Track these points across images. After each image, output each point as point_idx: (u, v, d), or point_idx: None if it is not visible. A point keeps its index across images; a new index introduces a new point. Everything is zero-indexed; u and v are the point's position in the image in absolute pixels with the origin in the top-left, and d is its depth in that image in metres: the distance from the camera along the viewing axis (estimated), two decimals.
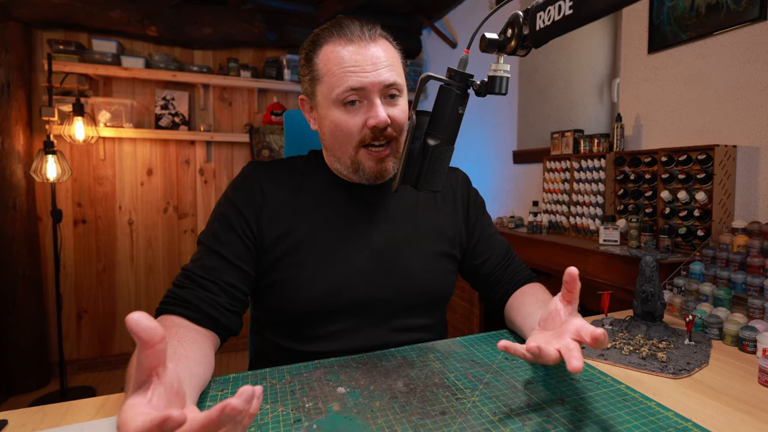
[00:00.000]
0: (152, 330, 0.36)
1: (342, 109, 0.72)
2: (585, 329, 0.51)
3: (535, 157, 2.10)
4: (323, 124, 0.76)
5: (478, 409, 0.55)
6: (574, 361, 0.47)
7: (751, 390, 0.63)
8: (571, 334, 0.52)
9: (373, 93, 0.71)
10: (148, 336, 0.36)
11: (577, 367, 0.46)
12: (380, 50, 0.72)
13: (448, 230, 0.85)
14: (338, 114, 0.72)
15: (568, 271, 0.56)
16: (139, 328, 0.35)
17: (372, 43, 0.72)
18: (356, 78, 0.69)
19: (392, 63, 0.73)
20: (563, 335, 0.53)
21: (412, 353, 0.72)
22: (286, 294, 0.74)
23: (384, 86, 0.71)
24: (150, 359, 0.37)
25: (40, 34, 2.48)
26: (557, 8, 0.53)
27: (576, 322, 0.54)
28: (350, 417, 0.53)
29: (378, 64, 0.70)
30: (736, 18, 1.24)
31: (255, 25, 2.72)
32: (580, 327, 0.52)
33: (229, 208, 0.75)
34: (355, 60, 0.70)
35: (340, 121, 0.72)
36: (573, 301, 0.58)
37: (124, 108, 2.59)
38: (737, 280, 0.93)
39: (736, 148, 1.24)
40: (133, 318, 0.35)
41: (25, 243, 2.37)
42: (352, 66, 0.70)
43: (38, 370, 2.43)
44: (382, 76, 0.70)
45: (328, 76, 0.71)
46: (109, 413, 0.55)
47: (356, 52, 0.70)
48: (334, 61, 0.71)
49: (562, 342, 0.52)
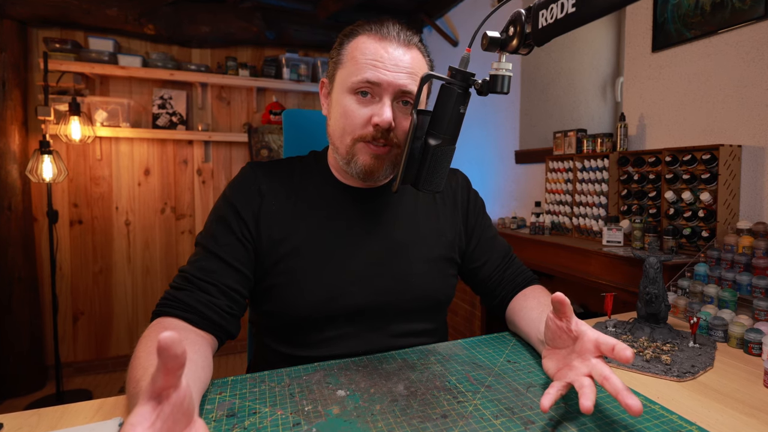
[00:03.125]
0: (179, 359, 0.35)
1: (353, 97, 0.72)
2: (605, 344, 0.52)
3: (538, 157, 2.08)
4: (333, 109, 0.76)
5: (480, 412, 0.54)
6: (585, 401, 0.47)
7: (757, 393, 0.63)
8: (591, 352, 0.53)
9: (386, 92, 0.70)
10: (174, 365, 0.35)
11: (588, 408, 0.47)
12: (409, 56, 0.72)
13: (447, 233, 0.85)
14: (349, 101, 0.72)
15: (557, 298, 0.56)
16: (167, 355, 0.34)
17: (403, 46, 0.72)
18: (375, 72, 0.70)
19: (416, 72, 0.73)
20: (583, 355, 0.54)
21: (413, 356, 0.71)
22: (283, 299, 0.74)
23: (399, 90, 0.71)
24: (166, 381, 0.36)
25: (35, 32, 2.47)
26: (560, 6, 0.53)
27: (590, 335, 0.54)
28: (350, 420, 0.52)
29: (400, 66, 0.71)
30: (741, 16, 1.23)
31: (254, 24, 2.71)
32: (597, 342, 0.53)
33: (227, 209, 0.74)
34: (380, 55, 0.70)
35: (349, 109, 0.72)
36: (571, 316, 0.58)
37: (121, 107, 2.57)
38: (742, 281, 0.92)
39: (741, 147, 1.23)
40: (166, 341, 0.34)
41: (20, 244, 2.35)
42: (375, 60, 0.70)
43: (34, 373, 2.41)
44: (400, 80, 0.70)
45: (350, 63, 0.72)
46: (105, 416, 0.55)
47: (384, 49, 0.71)
48: (360, 50, 0.71)
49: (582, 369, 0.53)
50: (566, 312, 0.57)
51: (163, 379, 0.35)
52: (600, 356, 0.53)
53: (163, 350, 0.34)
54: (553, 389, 0.52)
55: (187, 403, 0.38)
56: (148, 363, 0.52)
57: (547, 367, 0.61)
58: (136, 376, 0.51)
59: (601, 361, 0.52)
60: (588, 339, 0.54)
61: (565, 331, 0.58)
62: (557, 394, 0.51)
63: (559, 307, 0.57)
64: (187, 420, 0.39)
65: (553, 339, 0.60)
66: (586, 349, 0.54)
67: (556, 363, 0.59)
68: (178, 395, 0.37)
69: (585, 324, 0.56)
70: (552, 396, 0.51)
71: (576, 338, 0.56)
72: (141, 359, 0.54)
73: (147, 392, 0.36)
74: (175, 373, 0.35)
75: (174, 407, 0.37)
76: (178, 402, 0.37)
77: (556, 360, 0.59)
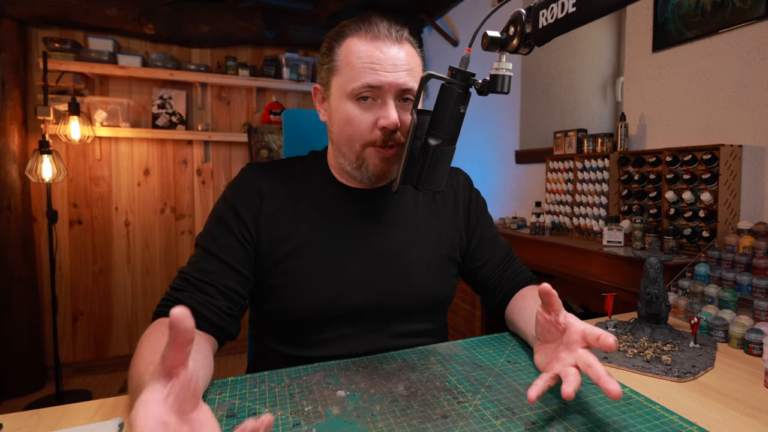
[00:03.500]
0: (189, 334, 0.36)
1: (355, 104, 0.71)
2: (591, 334, 0.53)
3: (538, 157, 2.08)
4: (334, 116, 0.75)
5: (480, 412, 0.54)
6: (567, 387, 0.49)
7: (757, 393, 0.63)
8: (578, 343, 0.54)
9: (388, 94, 0.70)
10: (183, 339, 0.36)
11: (569, 394, 0.48)
12: (403, 53, 0.71)
13: (448, 233, 0.84)
14: (351, 108, 0.71)
15: (543, 289, 0.57)
16: (179, 328, 0.35)
17: (397, 44, 0.71)
18: (374, 76, 0.69)
19: (413, 68, 0.72)
20: (571, 347, 0.55)
21: (413, 356, 0.71)
22: (284, 299, 0.73)
23: (400, 89, 0.70)
24: (176, 358, 0.37)
25: (35, 32, 2.46)
26: (560, 6, 0.53)
27: (577, 327, 0.55)
28: (350, 421, 0.52)
29: (398, 65, 0.70)
30: (742, 16, 1.23)
31: (253, 23, 2.71)
32: (584, 333, 0.54)
33: (227, 210, 0.74)
34: (376, 57, 0.69)
35: (352, 116, 0.71)
36: (559, 309, 0.58)
37: (121, 107, 2.57)
38: (743, 281, 0.92)
39: (742, 147, 1.23)
40: (178, 315, 0.35)
41: (20, 244, 2.35)
42: (372, 63, 0.69)
43: (33, 374, 2.41)
44: (400, 79, 0.70)
45: (346, 69, 0.71)
46: (105, 417, 0.55)
47: (379, 50, 0.70)
48: (355, 54, 0.70)
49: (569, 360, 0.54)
50: (554, 304, 0.58)
51: (173, 356, 0.37)
52: (587, 347, 0.54)
53: (175, 323, 0.35)
54: (541, 380, 0.53)
55: (194, 384, 0.39)
56: (151, 358, 0.52)
57: (538, 361, 0.62)
58: (139, 371, 0.51)
59: (587, 351, 0.53)
60: (575, 330, 0.55)
61: (553, 324, 0.59)
62: (545, 385, 0.52)
63: (547, 299, 0.57)
64: (194, 401, 0.40)
65: (543, 333, 0.62)
66: (573, 341, 0.55)
67: (545, 356, 0.60)
68: (186, 374, 0.38)
69: (573, 316, 0.57)
70: (539, 387, 0.51)
71: (564, 331, 0.57)
72: (144, 355, 0.54)
73: (157, 371, 0.37)
74: (185, 348, 0.37)
75: (183, 386, 0.38)
76: (186, 381, 0.38)
77: (545, 353, 0.61)
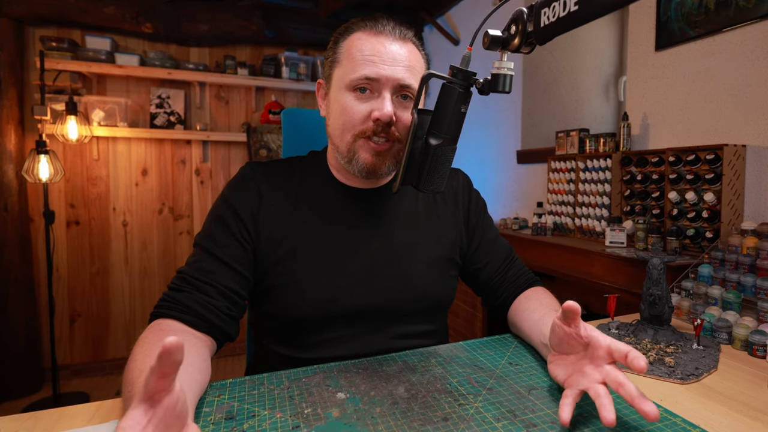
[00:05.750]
0: (176, 365, 0.36)
1: (352, 94, 0.72)
2: (617, 351, 0.51)
3: (540, 157, 2.08)
4: (332, 108, 0.75)
5: (482, 415, 0.54)
6: (608, 415, 0.47)
7: (761, 395, 0.62)
8: (604, 359, 0.53)
9: (385, 87, 0.70)
10: (168, 369, 0.35)
11: (611, 421, 0.46)
12: (405, 50, 0.72)
13: (448, 234, 0.84)
14: (347, 98, 0.72)
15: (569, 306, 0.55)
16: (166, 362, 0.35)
17: (399, 41, 0.72)
18: (373, 68, 0.69)
19: (413, 66, 0.73)
20: (596, 361, 0.54)
21: (414, 358, 0.71)
22: (282, 300, 0.73)
23: (398, 84, 0.71)
24: (159, 384, 0.36)
25: (32, 30, 2.45)
26: (562, 4, 0.52)
27: (602, 342, 0.54)
28: (350, 423, 0.52)
29: (398, 60, 0.71)
30: (746, 14, 1.22)
31: (253, 22, 2.70)
32: (609, 349, 0.52)
33: (226, 210, 0.74)
34: (377, 50, 0.70)
35: (348, 106, 0.72)
36: (579, 323, 0.57)
37: (119, 107, 2.56)
38: (747, 283, 0.92)
39: (746, 147, 1.22)
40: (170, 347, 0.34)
41: (16, 245, 2.34)
42: (373, 55, 0.70)
43: (30, 376, 2.40)
44: (398, 74, 0.70)
45: (347, 60, 0.72)
46: (102, 419, 0.54)
47: (380, 44, 0.71)
48: (356, 47, 0.71)
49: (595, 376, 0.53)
50: (576, 320, 0.56)
51: (156, 383, 0.36)
52: (612, 362, 0.53)
53: (164, 355, 0.34)
54: (569, 399, 0.51)
55: (179, 407, 0.39)
56: (144, 366, 0.51)
57: (555, 373, 0.60)
58: (132, 380, 0.51)
59: (614, 368, 0.52)
60: (600, 345, 0.53)
61: (574, 337, 0.57)
62: (573, 404, 0.51)
63: (571, 316, 0.56)
64: (180, 424, 0.39)
65: (560, 344, 0.60)
66: (599, 356, 0.53)
67: (566, 369, 0.58)
68: (170, 399, 0.37)
69: (595, 329, 0.56)
70: (569, 407, 0.50)
71: (586, 344, 0.56)
72: (137, 362, 0.53)
73: (139, 395, 0.36)
74: (168, 377, 0.36)
75: (166, 411, 0.37)
76: (170, 406, 0.37)
77: (565, 366, 0.59)
